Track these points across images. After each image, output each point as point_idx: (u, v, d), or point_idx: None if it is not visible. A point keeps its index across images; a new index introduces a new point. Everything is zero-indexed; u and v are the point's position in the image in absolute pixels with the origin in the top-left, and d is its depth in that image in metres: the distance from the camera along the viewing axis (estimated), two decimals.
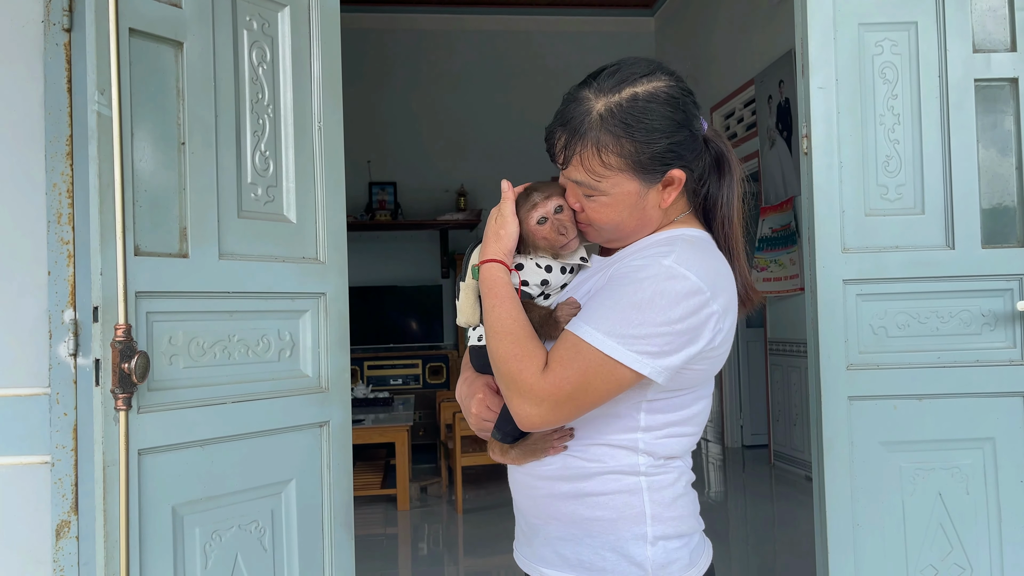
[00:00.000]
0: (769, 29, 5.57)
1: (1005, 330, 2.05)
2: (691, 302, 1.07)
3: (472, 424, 1.26)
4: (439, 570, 4.01)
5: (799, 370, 5.43)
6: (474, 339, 1.25)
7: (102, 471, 1.45)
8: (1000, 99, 2.07)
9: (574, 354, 1.08)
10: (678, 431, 1.18)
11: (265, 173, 1.79)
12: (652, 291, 1.07)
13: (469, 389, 1.27)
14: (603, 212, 1.15)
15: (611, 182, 1.12)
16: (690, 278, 1.08)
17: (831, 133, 2.05)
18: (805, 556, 3.60)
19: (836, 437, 2.02)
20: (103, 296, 1.46)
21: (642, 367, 1.06)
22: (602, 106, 1.11)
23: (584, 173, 1.13)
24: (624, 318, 1.06)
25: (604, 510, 1.15)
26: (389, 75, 7.46)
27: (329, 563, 1.85)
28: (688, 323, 1.07)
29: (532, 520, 1.23)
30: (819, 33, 2.05)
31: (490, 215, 1.21)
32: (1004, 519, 2.03)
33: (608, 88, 1.12)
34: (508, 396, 1.11)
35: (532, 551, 1.24)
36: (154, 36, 1.58)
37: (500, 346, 1.12)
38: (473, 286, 1.21)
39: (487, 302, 1.15)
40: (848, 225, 2.04)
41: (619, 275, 1.12)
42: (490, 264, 1.17)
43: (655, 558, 1.15)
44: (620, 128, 1.10)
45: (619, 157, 1.11)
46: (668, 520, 1.16)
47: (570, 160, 1.13)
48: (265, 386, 1.76)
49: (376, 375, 7.05)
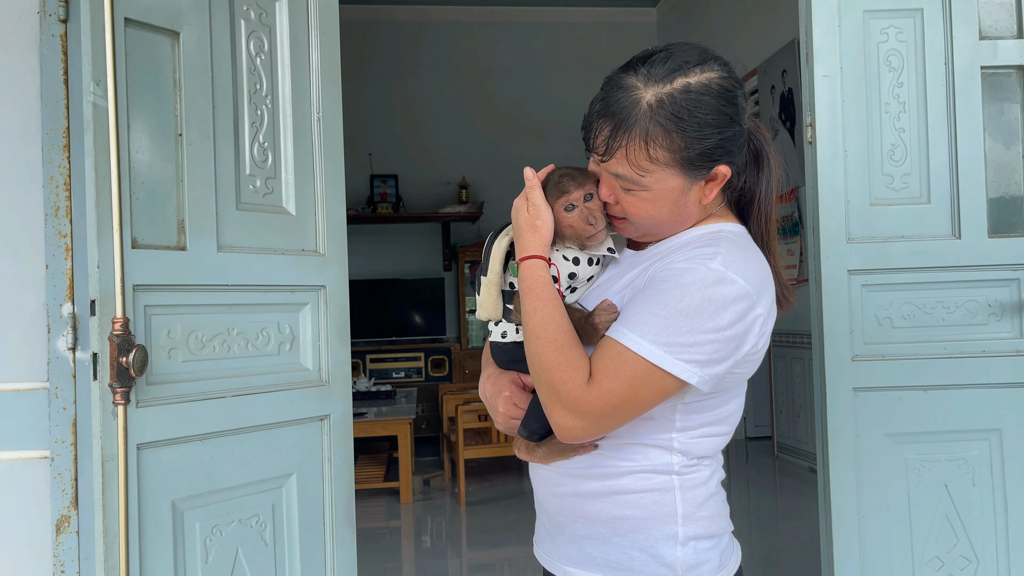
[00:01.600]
0: (772, 19, 5.53)
1: (1011, 320, 2.04)
2: (739, 307, 1.03)
3: (499, 423, 1.21)
4: (442, 563, 4.01)
5: (802, 361, 5.41)
6: (496, 335, 1.19)
7: (101, 466, 1.44)
8: (1007, 87, 2.05)
9: (619, 364, 1.02)
10: (712, 431, 1.14)
11: (264, 165, 1.77)
12: (700, 297, 1.01)
13: (494, 387, 1.22)
14: (642, 207, 1.09)
15: (655, 177, 1.05)
16: (738, 282, 1.03)
17: (836, 122, 2.02)
18: (809, 547, 3.59)
19: (841, 428, 2.01)
20: (100, 289, 1.45)
21: (690, 376, 1.02)
22: (652, 96, 1.03)
23: (628, 167, 1.05)
24: (671, 325, 1.01)
25: (634, 509, 1.11)
26: (391, 68, 7.43)
27: (331, 557, 1.84)
28: (735, 329, 1.03)
29: (557, 517, 1.19)
30: (824, 20, 2.03)
31: (517, 205, 1.13)
32: (1010, 511, 2.01)
33: (659, 76, 1.03)
34: (549, 406, 1.06)
35: (556, 549, 1.20)
36: (150, 26, 1.57)
37: (543, 354, 1.06)
38: (496, 282, 1.15)
39: (529, 304, 1.08)
40: (853, 215, 2.02)
41: (662, 277, 1.06)
42: (531, 261, 1.09)
43: (685, 559, 1.11)
44: (671, 121, 1.02)
45: (667, 151, 1.04)
46: (699, 520, 1.13)
47: (614, 152, 1.05)
48: (265, 380, 1.74)
49: (378, 368, 7.05)
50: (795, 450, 5.60)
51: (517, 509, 4.85)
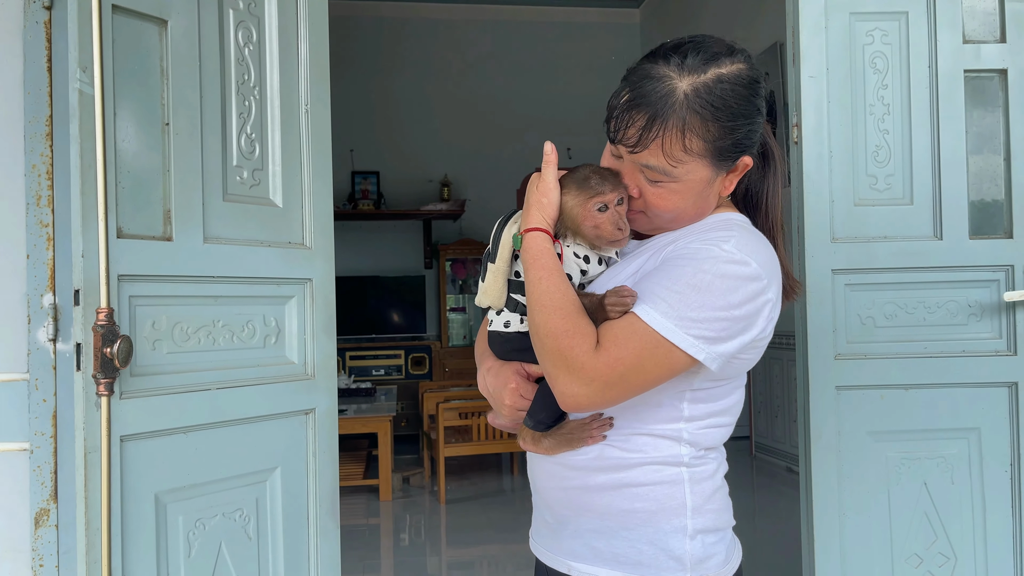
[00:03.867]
0: (755, 22, 5.57)
1: (991, 321, 2.06)
2: (750, 288, 1.04)
3: (505, 416, 1.19)
4: (421, 560, 4.00)
5: (781, 362, 5.46)
6: (499, 324, 1.18)
7: (83, 458, 1.42)
8: (989, 91, 2.08)
9: (629, 333, 1.02)
10: (718, 421, 1.15)
11: (251, 156, 1.76)
12: (713, 274, 1.03)
13: (497, 379, 1.19)
14: (669, 199, 1.09)
15: (686, 168, 1.06)
16: (751, 264, 1.04)
17: (821, 122, 2.04)
18: (787, 546, 3.62)
19: (823, 426, 2.02)
20: (84, 279, 1.43)
21: (698, 352, 1.03)
22: (687, 86, 1.04)
23: (662, 158, 1.05)
24: (683, 300, 1.02)
25: (644, 501, 1.11)
26: (373, 64, 7.40)
27: (314, 551, 1.83)
28: (745, 309, 1.04)
29: (561, 511, 1.17)
30: (810, 21, 2.04)
31: (532, 179, 1.13)
32: (988, 509, 2.04)
33: (693, 67, 1.04)
34: (554, 374, 1.05)
35: (560, 544, 1.18)
36: (138, 13, 1.55)
37: (549, 320, 1.05)
38: (504, 270, 1.14)
39: (533, 273, 1.08)
40: (838, 215, 2.04)
41: (675, 256, 1.07)
42: (535, 233, 1.09)
43: (694, 552, 1.11)
44: (708, 110, 1.03)
45: (703, 141, 1.04)
46: (708, 512, 1.13)
47: (649, 143, 1.05)
48: (250, 372, 1.73)
49: (358, 365, 7.02)
50: (773, 450, 5.64)
51: (496, 507, 4.85)
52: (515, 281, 1.15)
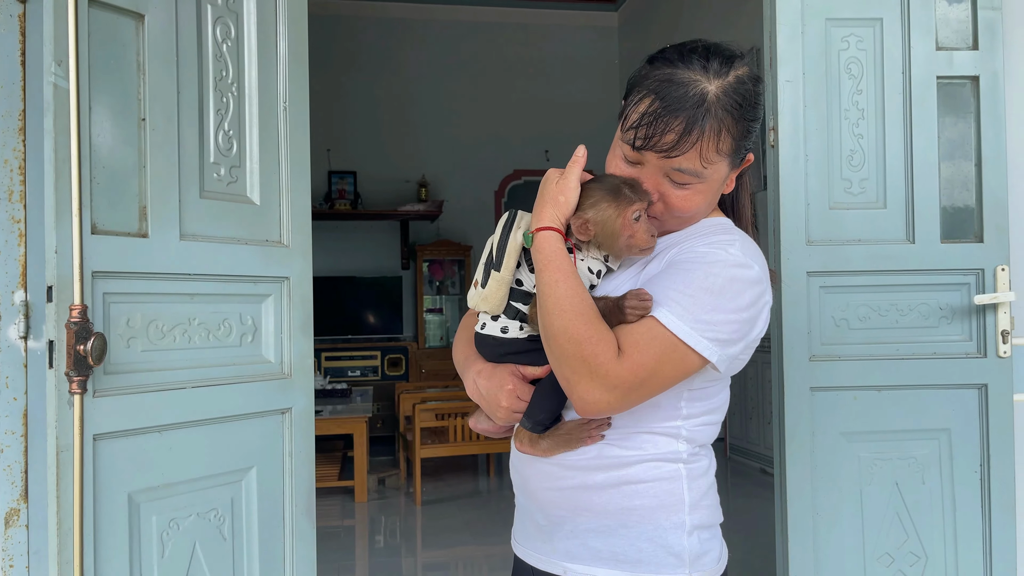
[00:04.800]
0: (732, 26, 5.62)
1: (962, 323, 2.10)
2: (755, 291, 1.07)
3: (501, 418, 1.18)
4: (397, 562, 3.98)
5: (755, 364, 5.51)
6: (494, 329, 1.16)
7: (55, 456, 1.40)
8: (961, 97, 2.11)
9: (649, 339, 1.03)
10: (711, 419, 1.17)
11: (228, 153, 1.74)
12: (724, 278, 1.05)
13: (491, 382, 1.17)
14: (692, 200, 1.11)
15: (714, 168, 1.09)
16: (754, 267, 1.08)
17: (798, 126, 2.06)
18: (761, 546, 3.65)
19: (798, 427, 2.04)
20: (58, 275, 1.41)
21: (711, 354, 1.04)
22: (717, 88, 1.07)
23: (697, 160, 1.07)
24: (697, 303, 1.03)
25: (644, 499, 1.11)
26: (350, 63, 7.37)
27: (290, 552, 1.82)
28: (751, 312, 1.07)
29: (556, 512, 1.16)
30: (787, 27, 2.07)
31: (548, 177, 1.12)
32: (958, 508, 2.07)
33: (717, 70, 1.07)
34: (574, 380, 1.03)
35: (553, 546, 1.17)
36: (114, 7, 1.53)
37: (570, 326, 1.03)
38: (509, 280, 1.12)
39: (547, 276, 1.06)
40: (813, 218, 2.07)
41: (683, 260, 1.09)
42: (548, 233, 1.08)
43: (691, 548, 1.12)
44: (737, 111, 1.07)
45: (732, 140, 1.08)
46: (703, 509, 1.14)
47: (688, 148, 1.06)
48: (226, 371, 1.71)
49: (334, 366, 6.99)
50: (747, 452, 5.69)
51: (473, 508, 4.84)
52: (516, 290, 1.14)
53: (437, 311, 7.53)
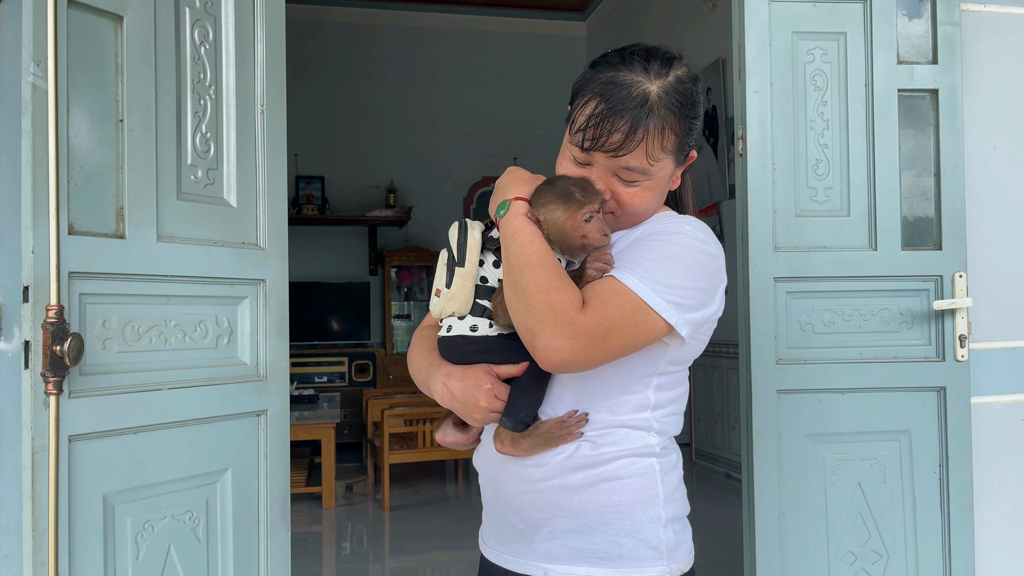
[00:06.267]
0: (698, 37, 5.72)
1: (921, 328, 2.17)
2: (712, 264, 1.13)
3: (478, 419, 1.16)
4: (364, 567, 3.97)
5: (720, 370, 5.59)
6: (463, 328, 1.16)
7: (31, 457, 1.39)
8: (922, 109, 2.18)
9: (612, 294, 1.06)
10: (675, 409, 1.20)
11: (206, 155, 1.75)
12: (682, 246, 1.11)
13: (465, 383, 1.16)
14: (643, 197, 1.15)
15: (660, 165, 1.14)
16: (710, 243, 1.14)
17: (765, 135, 2.12)
18: (727, 548, 3.70)
19: (765, 429, 2.09)
20: (34, 275, 1.41)
21: (671, 316, 1.07)
22: (658, 88, 1.11)
23: (643, 158, 1.11)
24: (657, 267, 1.08)
25: (621, 495, 1.13)
26: (318, 68, 7.35)
27: (265, 554, 1.82)
28: (708, 283, 1.12)
29: (534, 515, 1.16)
30: (756, 39, 2.12)
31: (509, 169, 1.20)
32: (918, 507, 2.14)
33: (656, 71, 1.12)
34: (538, 329, 1.03)
35: (531, 549, 1.17)
36: (93, 8, 1.53)
37: (537, 276, 1.06)
38: (473, 274, 1.14)
39: (520, 236, 1.09)
40: (780, 224, 2.12)
41: (644, 236, 1.15)
42: (522, 202, 1.12)
43: (668, 540, 1.15)
44: (679, 108, 1.12)
45: (676, 137, 1.13)
46: (676, 500, 1.18)
47: (631, 147, 1.10)
48: (202, 373, 1.71)
49: (301, 372, 6.93)
50: (713, 456, 5.76)
51: (441, 514, 4.84)
52: (481, 287, 1.16)
53: (405, 317, 7.51)
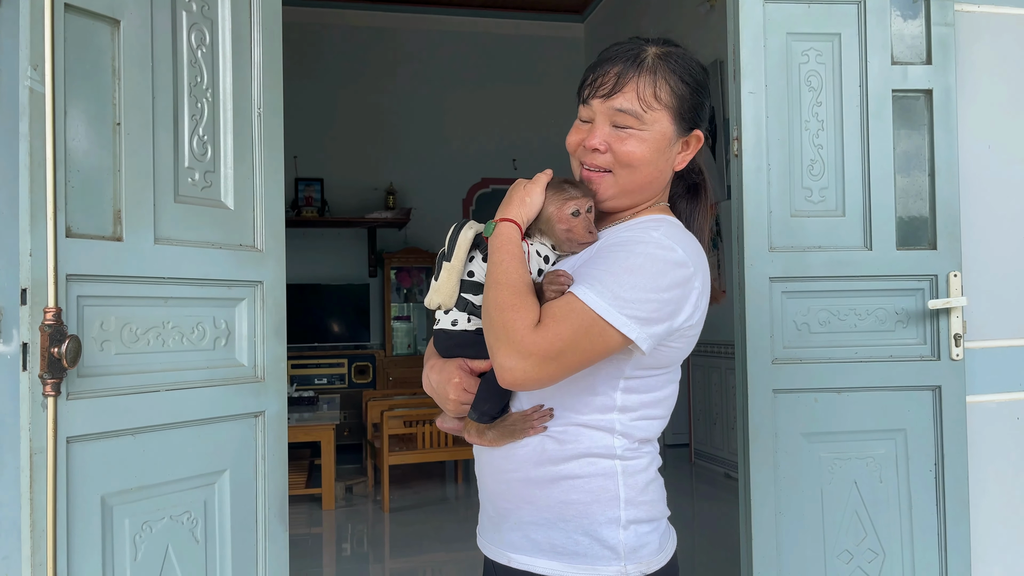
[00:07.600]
0: (696, 39, 5.73)
1: (917, 327, 2.17)
2: (678, 273, 1.11)
3: (450, 410, 1.24)
4: (365, 569, 3.98)
5: (719, 370, 5.59)
6: (446, 322, 1.22)
7: (29, 459, 1.40)
8: (916, 109, 2.19)
9: (567, 312, 1.08)
10: (650, 413, 1.20)
11: (203, 158, 1.76)
12: (643, 257, 1.10)
13: (440, 376, 1.24)
14: (636, 148, 1.18)
15: (655, 116, 1.17)
16: (677, 250, 1.13)
17: (760, 136, 2.13)
18: (725, 549, 3.71)
19: (761, 428, 2.10)
20: (32, 278, 1.42)
21: (630, 331, 1.08)
22: (656, 51, 1.19)
23: (636, 101, 1.16)
24: (616, 280, 1.08)
25: (579, 494, 1.16)
26: (318, 71, 7.36)
27: (263, 555, 1.82)
28: (674, 293, 1.11)
29: (502, 504, 1.22)
30: (750, 40, 2.13)
31: (517, 183, 1.21)
32: (914, 506, 2.14)
33: (658, 44, 1.21)
34: (495, 348, 1.08)
35: (500, 536, 1.22)
36: (90, 12, 1.54)
37: (499, 295, 1.10)
38: (459, 269, 1.19)
39: (496, 256, 1.13)
40: (775, 225, 2.13)
41: (608, 245, 1.16)
42: (509, 224, 1.16)
43: (627, 542, 1.16)
44: (675, 70, 1.18)
45: (671, 95, 1.18)
46: (640, 504, 1.18)
47: (623, 87, 1.17)
48: (200, 374, 1.72)
49: (301, 374, 6.94)
50: (712, 457, 5.77)
51: (441, 515, 4.85)
52: (467, 281, 1.20)
53: (405, 319, 7.52)
